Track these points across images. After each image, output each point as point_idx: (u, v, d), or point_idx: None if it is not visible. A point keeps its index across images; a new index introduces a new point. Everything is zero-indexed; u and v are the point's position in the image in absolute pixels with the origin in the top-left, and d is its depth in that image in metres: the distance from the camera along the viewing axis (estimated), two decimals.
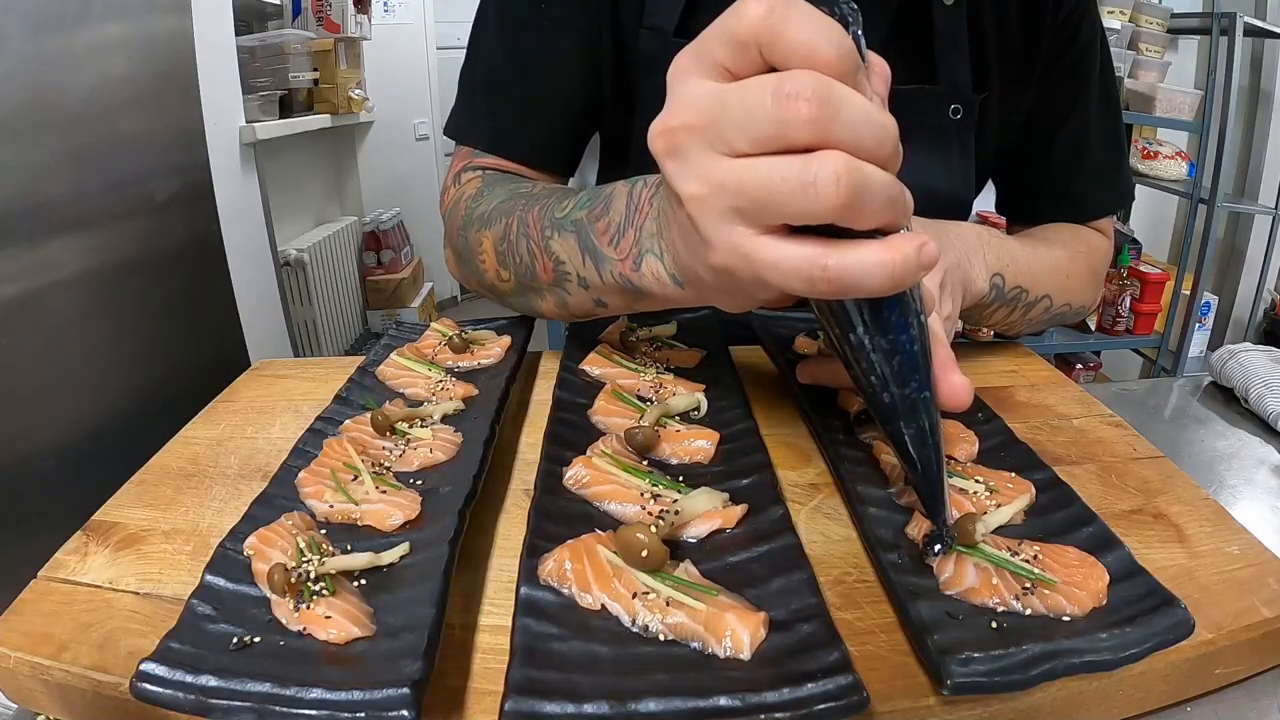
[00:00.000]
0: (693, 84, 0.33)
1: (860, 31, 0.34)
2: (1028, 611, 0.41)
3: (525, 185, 0.61)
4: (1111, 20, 1.80)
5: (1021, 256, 0.66)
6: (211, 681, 0.36)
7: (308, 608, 0.41)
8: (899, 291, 0.34)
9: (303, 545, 0.45)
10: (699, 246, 0.37)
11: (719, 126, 0.32)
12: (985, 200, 2.13)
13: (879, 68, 0.37)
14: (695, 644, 0.40)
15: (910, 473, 0.43)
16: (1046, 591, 0.42)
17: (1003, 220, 0.88)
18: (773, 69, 0.31)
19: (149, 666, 0.37)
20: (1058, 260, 0.71)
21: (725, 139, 0.32)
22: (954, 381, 0.43)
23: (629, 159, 0.72)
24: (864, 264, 0.32)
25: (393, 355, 0.72)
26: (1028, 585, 0.42)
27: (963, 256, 0.58)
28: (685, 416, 0.63)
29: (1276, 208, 1.98)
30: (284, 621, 0.41)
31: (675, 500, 0.50)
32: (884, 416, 0.42)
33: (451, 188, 0.68)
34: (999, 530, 0.48)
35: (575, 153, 0.73)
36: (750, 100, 0.31)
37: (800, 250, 0.32)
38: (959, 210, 0.74)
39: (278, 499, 0.52)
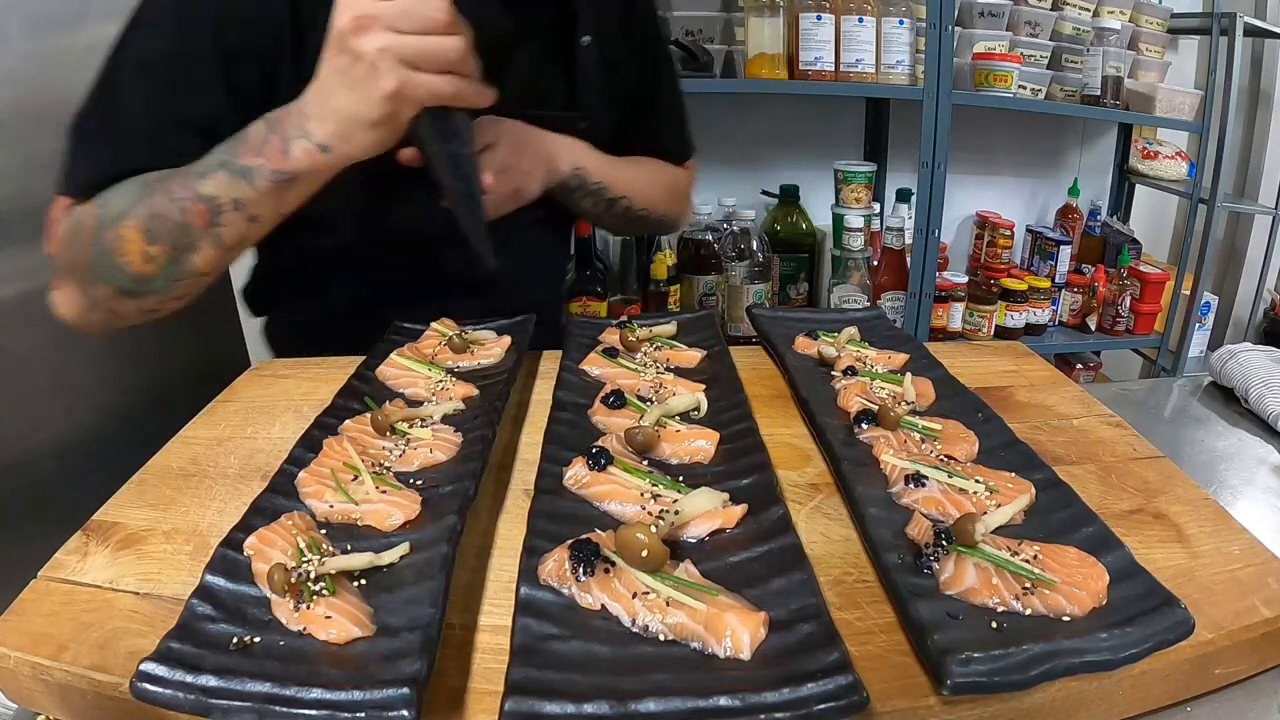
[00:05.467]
0: (362, 1, 0.59)
1: None
2: (1028, 611, 0.41)
3: (151, 177, 0.67)
4: (1111, 20, 1.79)
5: (607, 164, 0.90)
6: (211, 681, 0.36)
7: (308, 608, 0.41)
8: (466, 113, 0.67)
9: (303, 545, 0.45)
10: (374, 87, 0.60)
11: (397, 19, 0.59)
12: (983, 202, 2.11)
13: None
14: (695, 644, 0.40)
15: (461, 217, 0.70)
16: (1046, 591, 0.42)
17: (1009, 221, 0.90)
18: None
19: (149, 666, 0.37)
20: (639, 174, 0.97)
21: (399, 26, 0.59)
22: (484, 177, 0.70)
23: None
24: (468, 83, 0.63)
25: (393, 355, 0.72)
26: (1028, 585, 0.42)
27: (553, 148, 0.84)
28: (685, 416, 0.63)
29: (1276, 208, 1.97)
30: (284, 621, 0.41)
31: (675, 500, 0.50)
32: (465, 197, 0.69)
33: (62, 220, 0.70)
34: (999, 530, 0.48)
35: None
36: (417, 7, 0.59)
37: (440, 78, 0.61)
38: None
39: (278, 499, 0.52)
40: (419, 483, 0.54)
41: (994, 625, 0.40)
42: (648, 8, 0.97)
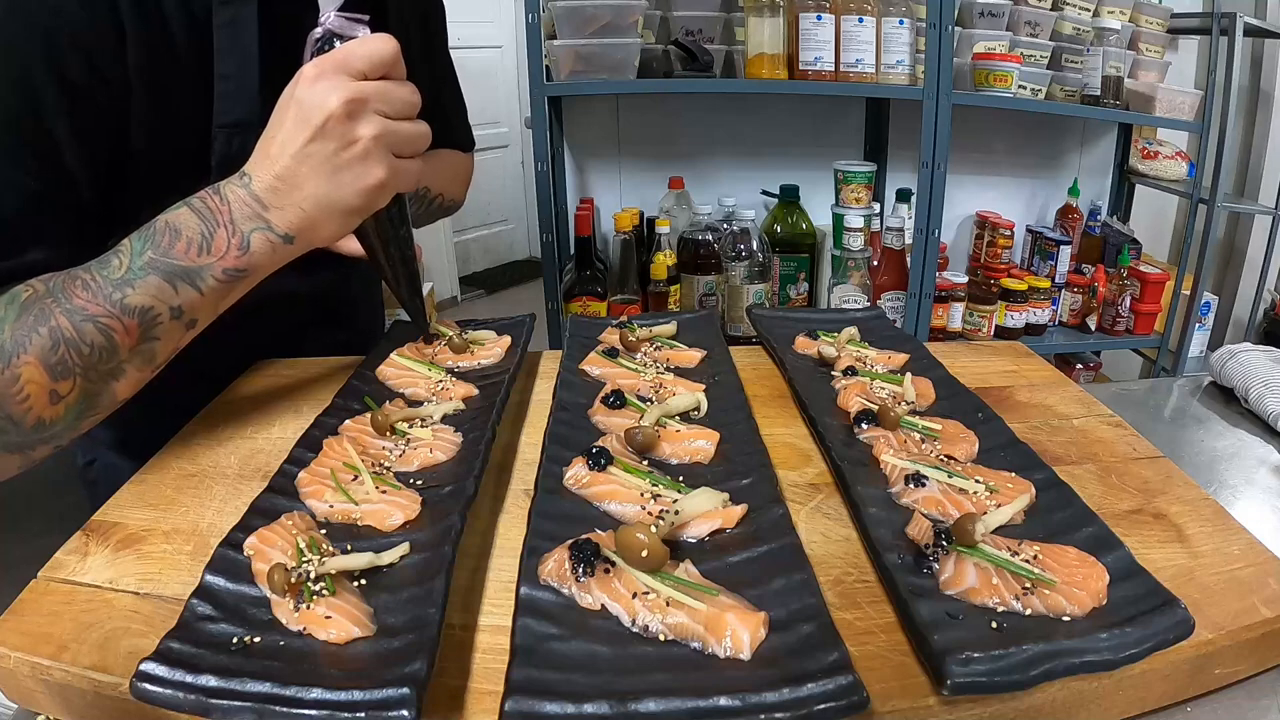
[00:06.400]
0: (344, 81, 0.55)
1: None
2: (1028, 611, 0.41)
3: (21, 294, 0.54)
4: (1111, 20, 1.79)
5: (430, 170, 0.87)
6: (211, 681, 0.36)
7: (308, 608, 0.41)
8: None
9: (303, 545, 0.45)
10: (365, 175, 0.56)
11: (382, 103, 0.56)
12: (983, 202, 2.11)
13: None
14: (695, 644, 0.40)
15: (410, 298, 0.71)
16: (1046, 591, 0.42)
17: (1009, 221, 0.87)
18: (384, 78, 0.57)
19: (149, 666, 0.37)
20: (443, 167, 0.98)
21: (384, 110, 0.56)
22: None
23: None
24: (424, 166, 0.62)
25: (393, 355, 0.72)
26: (1028, 585, 0.42)
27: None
28: (685, 416, 0.63)
29: (1276, 208, 1.97)
30: (284, 621, 0.41)
31: (675, 500, 0.50)
32: (407, 271, 0.69)
33: None
34: (999, 530, 0.48)
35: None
36: (398, 92, 0.57)
37: (415, 163, 0.60)
38: None
39: (278, 499, 0.52)
40: (419, 483, 0.54)
41: (994, 625, 0.40)
42: None
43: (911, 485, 0.52)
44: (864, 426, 0.60)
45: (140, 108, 0.64)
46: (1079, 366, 2.11)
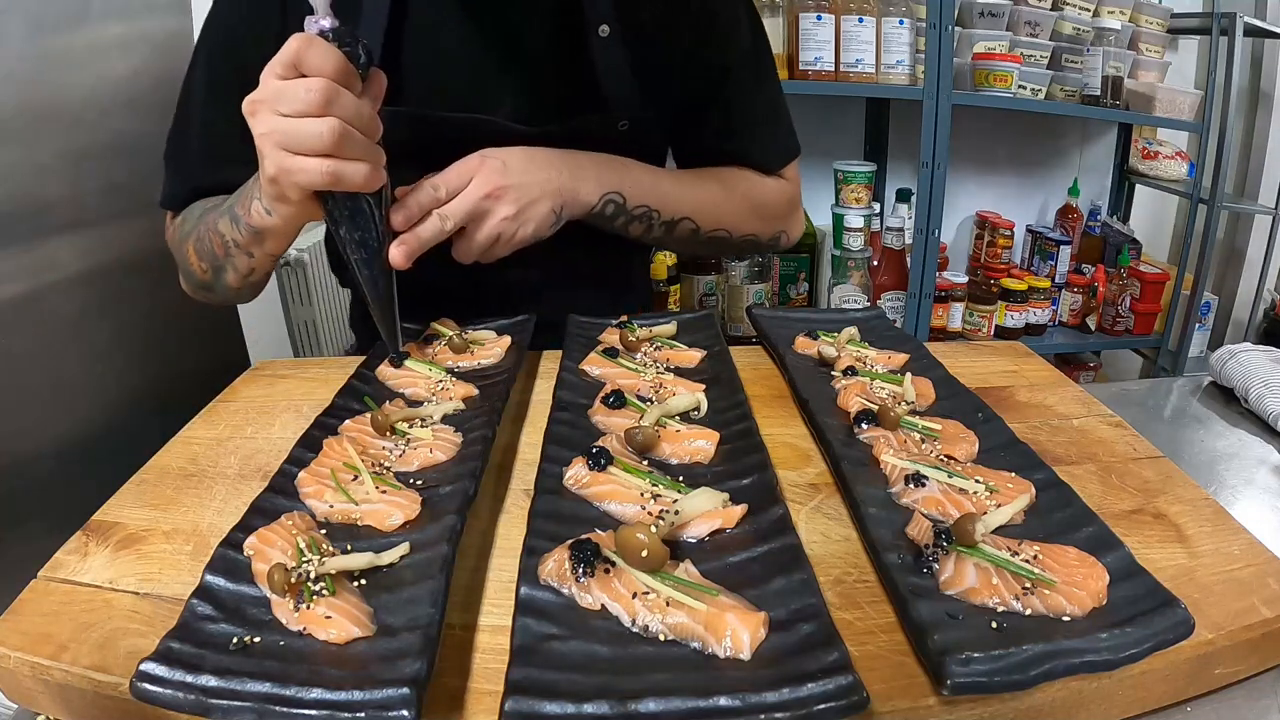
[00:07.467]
0: (268, 81, 0.60)
1: (364, 59, 0.62)
2: (1028, 611, 0.41)
3: (212, 201, 0.78)
4: (1111, 20, 1.79)
5: (655, 184, 0.82)
6: (211, 681, 0.36)
7: (308, 608, 0.41)
8: (368, 193, 0.65)
9: (303, 545, 0.45)
10: (263, 169, 0.62)
11: (277, 101, 0.59)
12: (983, 202, 2.11)
13: (378, 80, 0.66)
14: (695, 644, 0.40)
15: (373, 309, 0.70)
16: (1046, 591, 0.42)
17: (1009, 221, 0.89)
18: (304, 75, 0.59)
19: (149, 666, 0.37)
20: (704, 190, 0.87)
21: (279, 108, 0.59)
22: (391, 253, 0.68)
23: None
24: (345, 167, 0.61)
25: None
26: (1028, 585, 0.42)
27: (566, 176, 0.76)
28: (685, 416, 0.63)
29: (1276, 208, 1.97)
30: (284, 621, 0.41)
31: (675, 500, 0.50)
32: (363, 278, 0.68)
33: (169, 226, 0.85)
34: (999, 530, 0.48)
35: None
36: (293, 89, 0.59)
37: (313, 162, 0.60)
38: None
39: (278, 499, 0.52)
40: (419, 483, 0.54)
41: (994, 625, 0.40)
42: None
43: (911, 485, 0.52)
44: (864, 426, 0.60)
45: None
46: (1079, 366, 2.11)
